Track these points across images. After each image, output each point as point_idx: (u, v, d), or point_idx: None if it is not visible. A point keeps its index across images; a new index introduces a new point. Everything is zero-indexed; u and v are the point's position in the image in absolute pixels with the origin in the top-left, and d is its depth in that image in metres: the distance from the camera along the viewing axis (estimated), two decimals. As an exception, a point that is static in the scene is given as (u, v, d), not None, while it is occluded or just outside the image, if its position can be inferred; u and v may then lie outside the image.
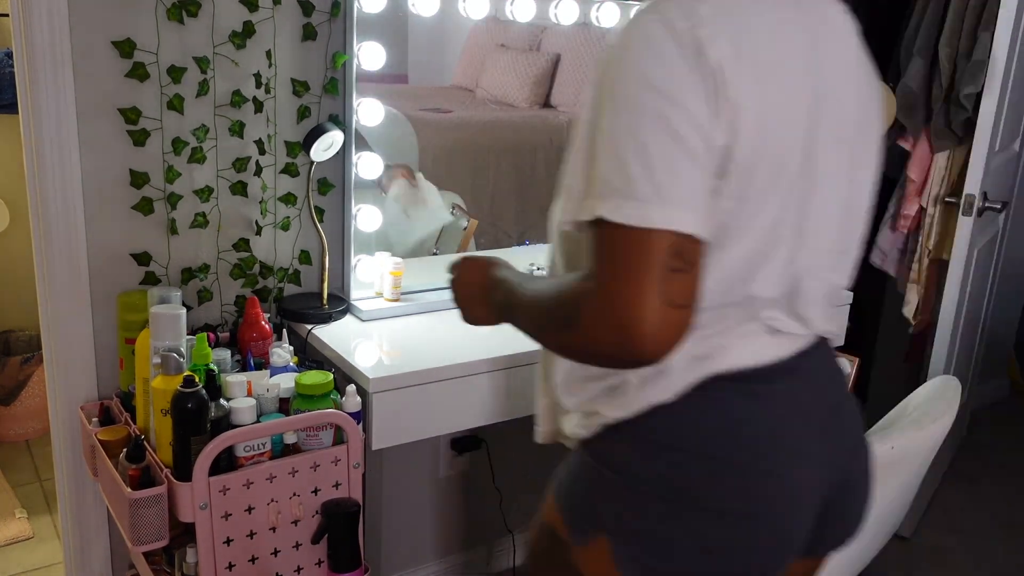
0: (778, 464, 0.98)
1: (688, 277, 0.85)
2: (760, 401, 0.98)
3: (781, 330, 0.99)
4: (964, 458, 3.09)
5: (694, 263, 0.85)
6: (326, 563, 1.51)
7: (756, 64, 0.88)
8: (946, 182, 2.58)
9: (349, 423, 1.47)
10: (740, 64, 0.86)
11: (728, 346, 0.96)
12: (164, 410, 1.37)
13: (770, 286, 0.97)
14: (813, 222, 0.98)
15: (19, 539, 2.34)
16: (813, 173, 0.96)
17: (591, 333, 0.86)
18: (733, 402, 0.97)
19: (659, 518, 0.97)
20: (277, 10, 1.72)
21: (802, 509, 1.02)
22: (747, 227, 0.92)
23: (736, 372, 0.96)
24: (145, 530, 1.36)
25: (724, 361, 0.96)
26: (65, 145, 1.58)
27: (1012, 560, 2.51)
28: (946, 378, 1.44)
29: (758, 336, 0.98)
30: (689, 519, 0.97)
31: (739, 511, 0.97)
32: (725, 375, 0.96)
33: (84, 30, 1.56)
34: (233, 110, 1.73)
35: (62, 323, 1.65)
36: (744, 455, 0.96)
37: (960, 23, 2.40)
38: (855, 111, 1.00)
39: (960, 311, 2.45)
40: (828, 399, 1.06)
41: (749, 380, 0.97)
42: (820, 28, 0.97)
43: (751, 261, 0.94)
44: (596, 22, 2.01)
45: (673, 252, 0.83)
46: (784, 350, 1.00)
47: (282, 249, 1.86)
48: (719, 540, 0.98)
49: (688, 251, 0.84)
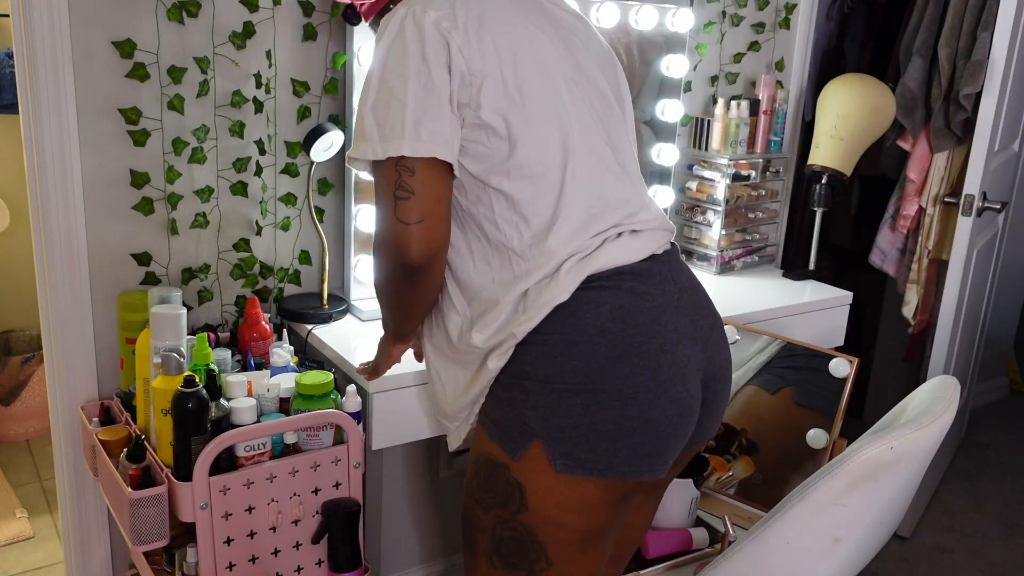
0: (666, 342, 1.15)
1: (411, 201, 1.11)
2: (637, 292, 1.16)
3: (640, 230, 1.20)
4: (964, 458, 3.09)
5: (415, 188, 1.11)
6: (326, 563, 1.51)
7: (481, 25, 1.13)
8: (945, 182, 2.58)
9: (349, 423, 1.47)
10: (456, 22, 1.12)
11: (601, 247, 1.16)
12: (164, 410, 1.37)
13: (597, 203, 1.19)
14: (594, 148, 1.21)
15: (19, 539, 2.34)
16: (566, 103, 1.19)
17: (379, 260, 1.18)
18: (616, 295, 1.15)
19: (582, 410, 1.12)
20: (277, 10, 1.73)
21: (692, 382, 1.17)
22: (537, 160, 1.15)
23: (611, 270, 1.15)
24: (145, 530, 1.36)
25: (600, 261, 1.15)
26: (65, 145, 1.58)
27: (1012, 560, 2.51)
28: (945, 378, 1.44)
29: (623, 238, 1.18)
30: (605, 404, 1.11)
31: (645, 387, 1.12)
32: (604, 273, 1.15)
33: (84, 30, 1.56)
34: (233, 110, 1.73)
35: (62, 323, 1.65)
36: (637, 336, 1.13)
37: (959, 23, 2.40)
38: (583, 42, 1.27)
39: (959, 311, 2.45)
40: (691, 293, 1.23)
41: (623, 276, 1.16)
42: None
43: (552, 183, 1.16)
44: (596, 22, 2.01)
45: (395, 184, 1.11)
46: (645, 249, 1.20)
47: (282, 249, 1.86)
48: (634, 418, 1.12)
49: (407, 181, 1.11)
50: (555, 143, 1.17)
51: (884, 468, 1.25)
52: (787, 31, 2.49)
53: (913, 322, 2.72)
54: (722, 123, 2.28)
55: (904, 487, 1.35)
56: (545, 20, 1.23)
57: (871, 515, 1.30)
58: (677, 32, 2.18)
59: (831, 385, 1.83)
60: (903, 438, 1.25)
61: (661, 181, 2.30)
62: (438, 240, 1.15)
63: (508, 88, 1.14)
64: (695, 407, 1.19)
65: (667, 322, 1.16)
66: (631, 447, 1.13)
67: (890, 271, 2.81)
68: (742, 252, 2.40)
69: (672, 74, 2.22)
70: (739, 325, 1.95)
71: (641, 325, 1.14)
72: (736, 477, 1.89)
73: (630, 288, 1.16)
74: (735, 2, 2.35)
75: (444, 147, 1.13)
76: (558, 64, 1.20)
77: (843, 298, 2.19)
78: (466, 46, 1.12)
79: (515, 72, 1.15)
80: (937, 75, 2.46)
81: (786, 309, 2.08)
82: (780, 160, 2.41)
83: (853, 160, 2.34)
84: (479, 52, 1.13)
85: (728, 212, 2.29)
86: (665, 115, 2.25)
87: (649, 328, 1.14)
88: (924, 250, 2.65)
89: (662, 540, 1.69)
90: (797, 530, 1.30)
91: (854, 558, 1.37)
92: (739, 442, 1.90)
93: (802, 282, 2.32)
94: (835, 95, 2.32)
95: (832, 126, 2.30)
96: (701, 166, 2.32)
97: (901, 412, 1.46)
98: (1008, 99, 2.38)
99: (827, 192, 2.35)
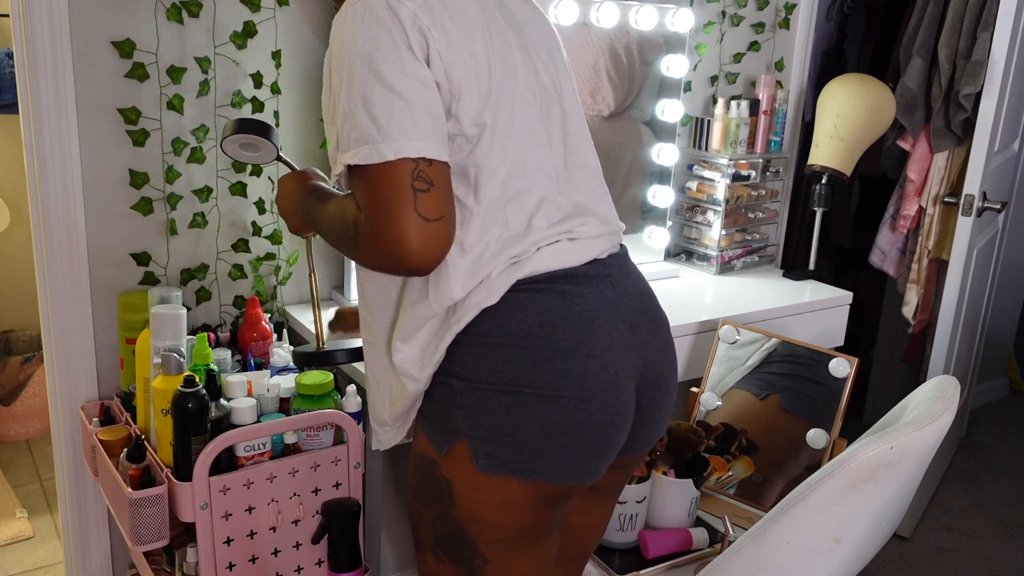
0: (595, 347, 1.12)
1: (431, 194, 1.03)
2: (568, 296, 1.13)
3: (578, 237, 1.17)
4: (963, 458, 3.09)
5: (434, 181, 1.03)
6: (326, 563, 1.51)
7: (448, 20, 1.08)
8: (945, 182, 2.58)
9: (349, 423, 1.47)
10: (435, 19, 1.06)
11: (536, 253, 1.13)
12: (164, 410, 1.37)
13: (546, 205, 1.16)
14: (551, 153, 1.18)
15: (19, 539, 2.34)
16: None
17: (371, 253, 1.06)
18: (546, 298, 1.12)
19: (505, 410, 1.10)
20: (278, 10, 1.73)
21: (623, 389, 1.15)
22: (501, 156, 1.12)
23: (545, 274, 1.13)
24: (145, 530, 1.36)
25: (532, 265, 1.12)
26: (65, 145, 1.58)
27: (1012, 560, 2.51)
28: (945, 378, 1.43)
29: (560, 244, 1.15)
30: (530, 406, 1.10)
31: (571, 391, 1.10)
32: (537, 277, 1.13)
33: (84, 30, 1.56)
34: (233, 110, 1.73)
35: (63, 323, 1.65)
36: (565, 341, 1.11)
37: (959, 23, 2.40)
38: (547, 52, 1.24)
39: (959, 311, 2.45)
40: (633, 297, 1.21)
41: (556, 280, 1.13)
42: None
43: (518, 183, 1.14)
44: (596, 22, 2.01)
45: (413, 176, 1.02)
46: (584, 255, 1.17)
47: (282, 249, 1.86)
48: (559, 421, 1.10)
49: (425, 172, 1.03)
50: (510, 152, 1.14)
51: (884, 468, 1.25)
52: (787, 31, 2.49)
53: (913, 322, 2.72)
54: (722, 123, 2.28)
55: (904, 487, 1.35)
56: (508, 20, 1.19)
57: (871, 515, 1.30)
58: (677, 32, 2.18)
59: (819, 391, 1.83)
60: (903, 438, 1.25)
61: (661, 181, 2.30)
62: (449, 244, 1.07)
63: (484, 96, 1.10)
64: (627, 414, 1.16)
65: (599, 327, 1.14)
66: (556, 450, 1.11)
67: (890, 271, 2.81)
68: (742, 252, 2.40)
69: (672, 74, 2.22)
70: (739, 325, 1.95)
71: (569, 329, 1.11)
72: (736, 477, 1.89)
73: (561, 291, 1.13)
74: (735, 2, 2.35)
75: (448, 152, 1.08)
76: (522, 71, 1.16)
77: (843, 298, 2.20)
78: (445, 49, 1.06)
79: (489, 80, 1.11)
80: (937, 75, 2.46)
81: (786, 309, 2.08)
82: (780, 160, 2.41)
83: (853, 160, 2.34)
84: (458, 56, 1.07)
85: (728, 212, 2.29)
86: (665, 115, 2.25)
87: (578, 332, 1.12)
88: (924, 250, 2.65)
89: (662, 540, 1.69)
90: (797, 530, 1.30)
91: (854, 558, 1.37)
92: (739, 442, 1.90)
93: (802, 282, 2.32)
94: (835, 95, 2.32)
95: (832, 126, 2.30)
96: (701, 166, 2.32)
97: (901, 412, 1.46)
98: (1008, 99, 2.38)
99: (827, 192, 2.35)
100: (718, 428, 1.91)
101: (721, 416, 1.94)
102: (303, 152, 1.83)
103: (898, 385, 3.06)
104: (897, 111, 2.44)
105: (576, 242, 1.18)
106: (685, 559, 1.68)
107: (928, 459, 1.35)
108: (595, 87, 2.13)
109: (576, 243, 1.18)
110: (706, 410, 1.96)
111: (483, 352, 1.12)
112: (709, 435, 1.89)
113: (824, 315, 2.16)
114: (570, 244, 1.17)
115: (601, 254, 1.20)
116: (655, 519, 1.75)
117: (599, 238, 1.21)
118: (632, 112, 2.24)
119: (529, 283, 1.13)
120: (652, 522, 1.75)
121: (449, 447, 1.14)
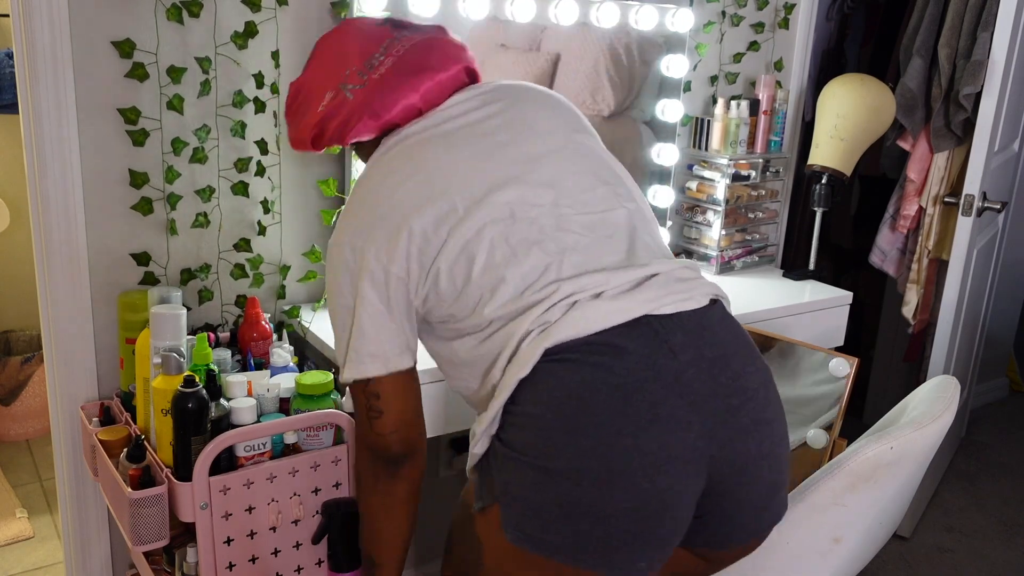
0: (630, 424, 1.02)
1: (383, 419, 1.18)
2: (604, 367, 1.04)
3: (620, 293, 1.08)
4: (963, 458, 3.09)
5: (383, 409, 1.18)
6: (326, 563, 1.51)
7: None
8: (945, 182, 2.58)
9: (349, 423, 1.47)
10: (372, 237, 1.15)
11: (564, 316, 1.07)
12: (164, 410, 1.37)
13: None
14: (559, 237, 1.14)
15: (19, 539, 2.34)
16: None
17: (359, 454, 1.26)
18: (581, 369, 1.04)
19: (532, 485, 1.05)
20: (279, 10, 1.73)
21: (668, 474, 1.02)
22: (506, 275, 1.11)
23: (579, 340, 1.06)
24: (145, 530, 1.36)
25: (563, 331, 1.06)
26: (65, 145, 1.58)
27: (1012, 560, 2.51)
28: (945, 378, 1.43)
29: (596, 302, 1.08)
30: (554, 483, 1.03)
31: (595, 472, 1.01)
32: (568, 345, 1.06)
33: (84, 30, 1.56)
34: (235, 110, 1.73)
35: (62, 323, 1.65)
36: (596, 416, 1.02)
37: (959, 23, 2.40)
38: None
39: (959, 311, 2.45)
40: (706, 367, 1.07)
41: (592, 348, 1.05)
42: None
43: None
44: (596, 22, 2.01)
45: (369, 395, 1.18)
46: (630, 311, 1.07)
47: (283, 249, 1.86)
48: (580, 503, 1.02)
49: (374, 403, 1.18)
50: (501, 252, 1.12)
51: (884, 468, 1.25)
52: (786, 31, 2.49)
53: (913, 322, 2.72)
54: (722, 123, 2.28)
55: (904, 487, 1.35)
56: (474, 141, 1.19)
57: (871, 515, 1.30)
58: (677, 32, 2.18)
59: (819, 391, 1.83)
60: (903, 438, 1.25)
61: (661, 181, 2.30)
62: (416, 438, 1.22)
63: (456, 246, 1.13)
64: (669, 503, 1.04)
65: (640, 401, 1.02)
66: (580, 535, 1.03)
67: (890, 271, 2.81)
68: (742, 252, 2.40)
69: (672, 74, 2.22)
70: (739, 325, 1.95)
71: (601, 403, 1.02)
72: (736, 477, 1.89)
73: (597, 362, 1.04)
74: (735, 2, 2.35)
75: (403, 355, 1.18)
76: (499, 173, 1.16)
77: (843, 298, 2.20)
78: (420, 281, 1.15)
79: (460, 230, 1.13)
80: (937, 75, 2.46)
81: (786, 309, 2.08)
82: (780, 160, 2.41)
83: (853, 160, 2.34)
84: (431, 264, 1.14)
85: (728, 212, 2.29)
86: (665, 115, 2.25)
87: (609, 407, 1.02)
88: (924, 250, 2.65)
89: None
90: (797, 530, 1.30)
91: (854, 558, 1.37)
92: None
93: (802, 282, 2.32)
94: (835, 95, 2.32)
95: (832, 126, 2.30)
96: (701, 166, 2.32)
97: (901, 412, 1.46)
98: (1008, 99, 2.38)
99: (827, 192, 2.35)
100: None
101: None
102: (303, 153, 1.83)
103: (898, 385, 3.06)
104: (897, 111, 2.44)
105: (622, 297, 1.09)
106: (685, 559, 1.68)
107: (928, 459, 1.35)
108: (595, 87, 2.13)
109: (621, 298, 1.08)
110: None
111: (520, 422, 1.08)
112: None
113: (824, 315, 2.16)
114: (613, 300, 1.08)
115: (659, 309, 1.08)
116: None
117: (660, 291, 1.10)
118: (632, 112, 2.24)
119: (561, 351, 1.06)
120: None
121: (484, 506, 1.16)
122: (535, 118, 1.24)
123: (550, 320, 1.08)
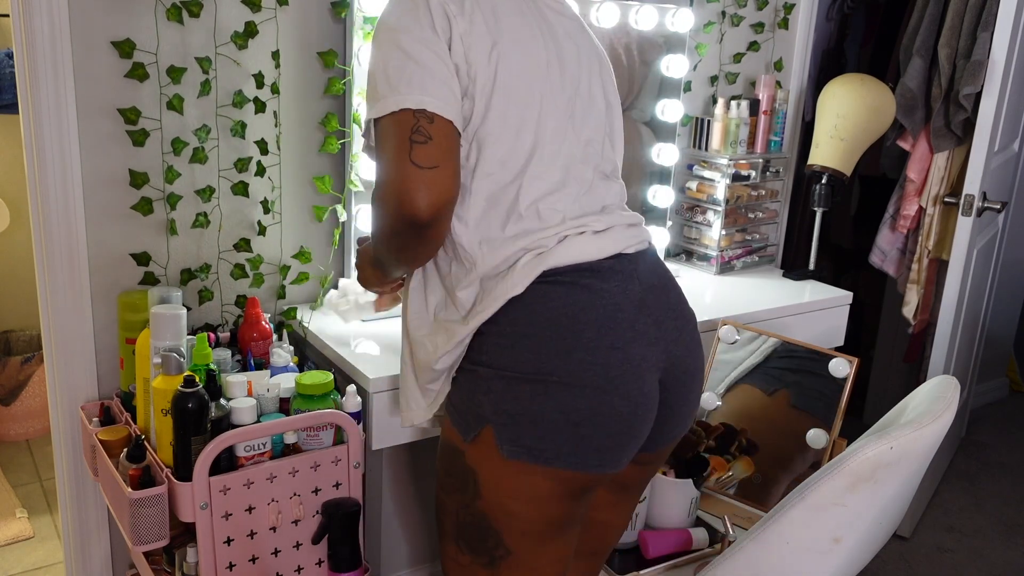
0: (618, 340, 1.15)
1: (428, 146, 1.09)
2: (593, 291, 1.16)
3: (602, 231, 1.21)
4: (963, 458, 3.09)
5: (433, 135, 1.10)
6: (326, 563, 1.51)
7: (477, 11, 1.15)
8: (945, 182, 2.58)
9: (349, 423, 1.47)
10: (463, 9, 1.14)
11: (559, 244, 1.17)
12: (164, 410, 1.37)
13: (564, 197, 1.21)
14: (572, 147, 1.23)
15: (19, 539, 2.34)
16: None
17: (382, 212, 1.13)
18: (572, 291, 1.16)
19: (529, 397, 1.13)
20: (279, 10, 1.73)
21: (646, 381, 1.17)
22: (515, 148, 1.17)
23: (569, 266, 1.17)
24: (145, 530, 1.36)
25: (557, 257, 1.16)
26: (65, 145, 1.58)
27: (1011, 560, 2.51)
28: (945, 378, 1.43)
29: (584, 236, 1.19)
30: (554, 394, 1.13)
31: (594, 381, 1.13)
32: (561, 269, 1.16)
33: (84, 30, 1.56)
34: (235, 110, 1.73)
35: (62, 323, 1.65)
36: (588, 333, 1.14)
37: (959, 23, 2.40)
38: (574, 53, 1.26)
39: (959, 311, 2.45)
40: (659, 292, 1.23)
41: (581, 273, 1.17)
42: None
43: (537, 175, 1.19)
44: (596, 22, 2.01)
45: (412, 129, 1.09)
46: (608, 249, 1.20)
47: (283, 249, 1.86)
48: (582, 410, 1.13)
49: (425, 128, 1.09)
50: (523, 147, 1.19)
51: (884, 468, 1.25)
52: (786, 31, 2.49)
53: (913, 322, 2.72)
54: (722, 123, 2.28)
55: (904, 487, 1.35)
56: (542, 26, 1.23)
57: (871, 515, 1.30)
58: (677, 32, 2.18)
59: (829, 387, 1.83)
60: (903, 438, 1.25)
61: (661, 181, 2.30)
62: (447, 193, 1.11)
63: (502, 85, 1.16)
64: (649, 406, 1.19)
65: (623, 319, 1.16)
66: (579, 439, 1.14)
67: (890, 271, 2.81)
68: (742, 252, 2.40)
69: (672, 74, 2.22)
70: (739, 325, 1.95)
71: (593, 321, 1.15)
72: (736, 477, 1.89)
73: (587, 285, 1.17)
74: (735, 2, 2.35)
75: (458, 116, 1.14)
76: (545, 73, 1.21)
77: (843, 298, 2.20)
78: (468, 35, 1.14)
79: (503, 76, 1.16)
80: (937, 75, 2.46)
81: (786, 309, 2.08)
82: (780, 160, 2.41)
83: (853, 160, 2.34)
84: (480, 42, 1.15)
85: (728, 212, 2.29)
86: (665, 115, 2.25)
87: (601, 324, 1.15)
88: (924, 250, 2.65)
89: (662, 540, 1.69)
90: (797, 530, 1.30)
91: (854, 558, 1.37)
92: (739, 442, 1.90)
93: (802, 282, 2.32)
94: (835, 95, 2.32)
95: (832, 126, 2.30)
96: (701, 166, 2.32)
97: (901, 412, 1.46)
98: (1008, 99, 2.38)
99: (827, 192, 2.35)
100: (718, 428, 1.91)
101: (727, 411, 1.94)
102: (303, 153, 1.83)
103: (898, 385, 3.06)
104: (897, 111, 2.44)
105: (600, 235, 1.21)
106: (685, 559, 1.68)
107: (928, 459, 1.35)
108: (595, 87, 2.13)
109: (600, 236, 1.21)
110: (706, 410, 1.96)
111: (509, 341, 1.15)
112: (709, 435, 1.89)
113: (824, 315, 2.16)
114: (594, 237, 1.20)
115: (626, 249, 1.22)
116: (655, 519, 1.75)
117: (625, 234, 1.23)
118: (632, 112, 2.24)
119: (554, 275, 1.16)
120: (652, 522, 1.75)
121: (475, 434, 1.17)
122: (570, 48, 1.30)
123: (546, 246, 1.17)
